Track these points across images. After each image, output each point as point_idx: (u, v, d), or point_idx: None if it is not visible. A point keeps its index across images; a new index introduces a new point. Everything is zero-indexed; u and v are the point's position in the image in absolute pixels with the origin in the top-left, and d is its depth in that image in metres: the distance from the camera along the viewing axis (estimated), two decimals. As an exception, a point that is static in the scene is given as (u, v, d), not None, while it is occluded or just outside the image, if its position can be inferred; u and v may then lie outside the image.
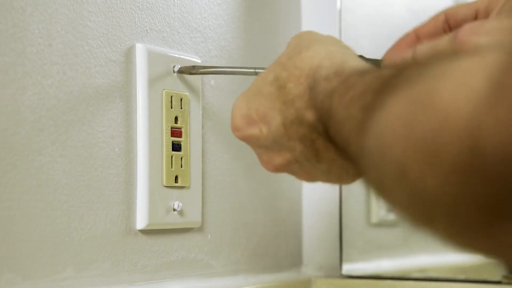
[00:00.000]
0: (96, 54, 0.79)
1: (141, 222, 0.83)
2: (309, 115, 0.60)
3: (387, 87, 0.43)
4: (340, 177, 0.65)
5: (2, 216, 0.69)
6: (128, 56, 0.82)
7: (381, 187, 0.44)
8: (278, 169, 0.66)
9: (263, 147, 0.65)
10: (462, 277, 1.03)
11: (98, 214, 0.78)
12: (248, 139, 0.66)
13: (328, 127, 0.57)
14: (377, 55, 0.68)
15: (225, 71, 0.89)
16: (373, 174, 0.44)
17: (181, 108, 0.87)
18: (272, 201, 1.05)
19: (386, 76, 0.46)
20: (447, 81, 0.37)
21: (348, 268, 1.09)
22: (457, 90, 0.36)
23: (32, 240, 0.72)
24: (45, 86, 0.73)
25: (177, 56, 0.88)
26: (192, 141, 0.89)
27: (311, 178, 0.66)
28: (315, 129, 0.60)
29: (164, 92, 0.85)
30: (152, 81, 0.84)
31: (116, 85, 0.81)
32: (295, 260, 1.11)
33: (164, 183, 0.85)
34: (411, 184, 0.39)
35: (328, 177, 0.65)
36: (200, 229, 0.92)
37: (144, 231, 0.84)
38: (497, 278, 1.00)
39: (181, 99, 0.87)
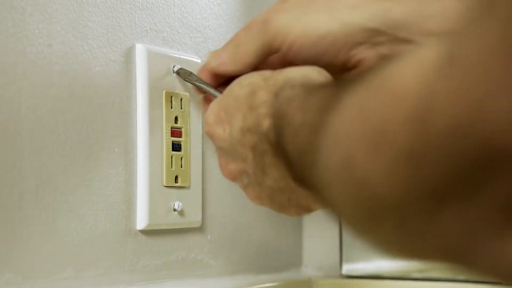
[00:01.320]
0: (96, 54, 0.78)
1: (141, 222, 0.83)
2: (265, 123, 0.59)
3: (346, 88, 0.42)
4: (282, 205, 0.63)
5: (2, 216, 0.69)
6: (128, 56, 0.82)
7: (329, 190, 0.43)
8: (232, 176, 0.65)
9: (222, 149, 0.65)
10: (462, 277, 1.03)
11: (98, 214, 0.78)
12: (212, 137, 0.65)
13: (282, 135, 0.55)
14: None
15: (212, 92, 0.74)
16: (323, 177, 0.43)
17: (181, 108, 0.87)
18: (272, 201, 1.05)
19: (348, 80, 0.45)
20: (400, 67, 0.36)
21: (348, 268, 1.09)
22: (408, 69, 0.35)
23: (32, 240, 0.72)
24: (45, 86, 0.73)
25: (177, 56, 0.88)
26: (192, 141, 0.89)
27: (258, 197, 0.65)
28: (267, 138, 0.59)
29: (164, 92, 0.85)
30: (152, 81, 0.84)
31: (116, 85, 0.81)
32: (295, 260, 1.11)
33: (164, 183, 0.85)
34: (358, 174, 0.38)
35: (271, 202, 0.64)
36: (200, 229, 0.92)
37: (144, 231, 0.84)
38: (497, 278, 1.00)
39: (181, 99, 0.87)
